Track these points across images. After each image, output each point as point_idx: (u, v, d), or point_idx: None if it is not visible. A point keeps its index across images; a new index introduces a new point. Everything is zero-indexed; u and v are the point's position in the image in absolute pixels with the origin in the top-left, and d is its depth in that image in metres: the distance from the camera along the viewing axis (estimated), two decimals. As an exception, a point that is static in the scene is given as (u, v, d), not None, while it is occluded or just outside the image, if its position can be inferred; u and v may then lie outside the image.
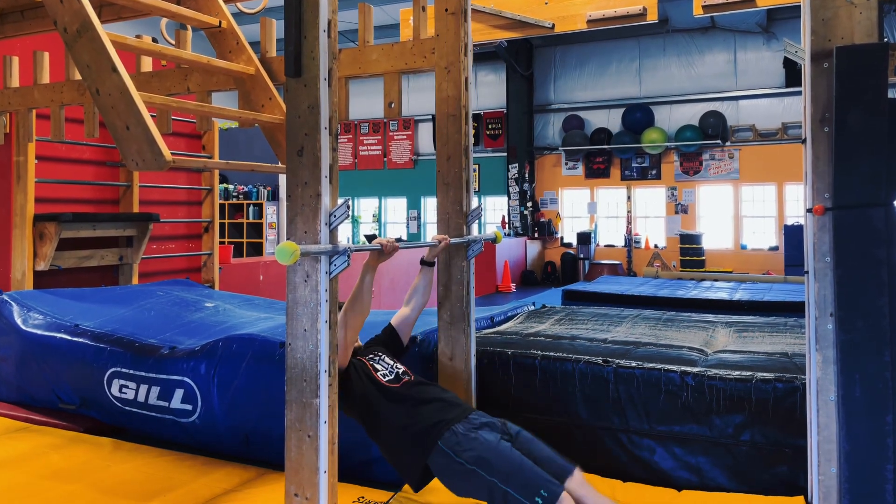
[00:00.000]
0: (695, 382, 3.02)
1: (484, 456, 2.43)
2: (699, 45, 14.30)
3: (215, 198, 6.74)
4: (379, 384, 2.73)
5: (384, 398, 2.69)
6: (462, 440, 2.49)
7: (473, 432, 2.52)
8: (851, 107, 2.30)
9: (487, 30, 4.05)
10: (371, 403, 2.70)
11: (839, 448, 2.30)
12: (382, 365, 2.84)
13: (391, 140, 17.12)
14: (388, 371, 2.80)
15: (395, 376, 2.78)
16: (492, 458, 2.42)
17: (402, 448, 2.65)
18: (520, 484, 2.34)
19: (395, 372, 2.81)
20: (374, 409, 2.70)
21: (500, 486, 2.36)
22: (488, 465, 2.41)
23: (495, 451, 2.44)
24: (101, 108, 3.18)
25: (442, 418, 2.58)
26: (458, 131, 3.31)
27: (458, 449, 2.48)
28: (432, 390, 2.77)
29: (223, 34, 4.17)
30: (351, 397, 2.74)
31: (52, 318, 4.25)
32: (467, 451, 2.46)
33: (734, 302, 6.58)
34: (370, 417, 2.72)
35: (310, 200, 2.33)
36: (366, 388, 2.72)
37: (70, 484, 3.17)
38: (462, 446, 2.48)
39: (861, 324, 2.27)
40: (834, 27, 2.34)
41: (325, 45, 2.34)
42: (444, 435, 2.52)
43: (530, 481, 2.34)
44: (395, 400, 2.68)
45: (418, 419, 2.60)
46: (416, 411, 2.63)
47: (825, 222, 2.34)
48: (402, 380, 2.78)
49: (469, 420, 2.59)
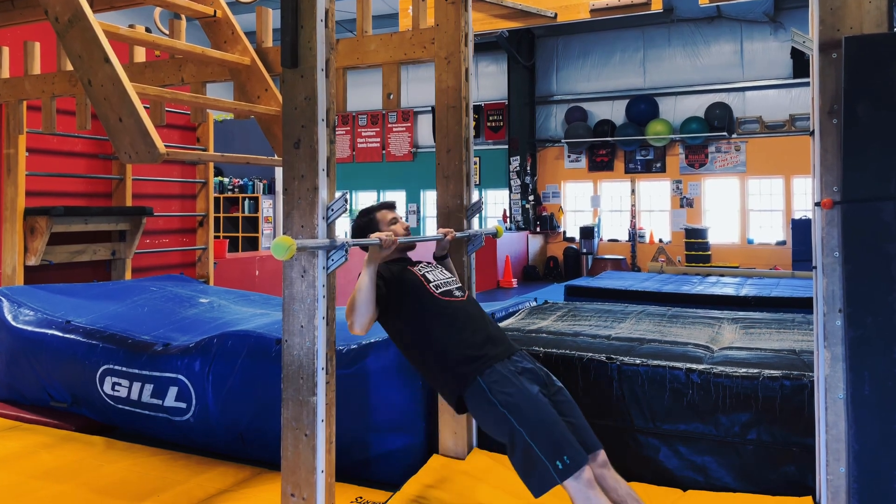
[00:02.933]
0: (700, 380, 3.00)
1: (519, 403, 2.36)
2: (705, 34, 14.18)
3: (210, 191, 6.73)
4: (430, 295, 2.64)
5: (432, 311, 2.61)
6: (501, 381, 2.42)
7: (515, 377, 2.45)
8: (861, 98, 2.28)
9: (488, 19, 4.03)
10: (422, 317, 2.61)
11: (848, 447, 2.28)
12: (437, 276, 2.75)
13: (390, 132, 17.01)
14: (442, 283, 2.72)
15: (448, 290, 2.70)
16: (526, 408, 2.35)
17: (441, 372, 2.56)
18: (546, 442, 2.27)
19: (450, 286, 2.73)
20: (424, 325, 2.61)
21: (526, 438, 2.29)
22: (521, 413, 2.34)
23: (532, 401, 2.37)
24: (93, 100, 3.18)
25: (486, 353, 2.51)
26: (458, 123, 3.29)
27: (496, 389, 2.41)
28: (481, 321, 2.67)
29: (218, 24, 4.17)
30: (405, 310, 2.63)
31: (44, 315, 4.22)
32: (503, 394, 2.39)
33: (741, 298, 6.51)
34: (418, 333, 2.62)
35: (307, 194, 2.32)
36: (420, 299, 2.63)
37: (61, 484, 3.15)
38: (500, 387, 2.41)
39: (870, 320, 2.25)
40: (843, 17, 2.32)
41: (322, 35, 2.33)
42: (486, 371, 2.45)
43: (558, 443, 2.27)
44: (444, 316, 2.60)
45: (462, 347, 2.52)
46: (462, 338, 2.55)
47: (834, 216, 2.32)
48: (455, 297, 2.69)
49: (512, 361, 2.53)
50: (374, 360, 3.25)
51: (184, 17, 4.39)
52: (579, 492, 2.22)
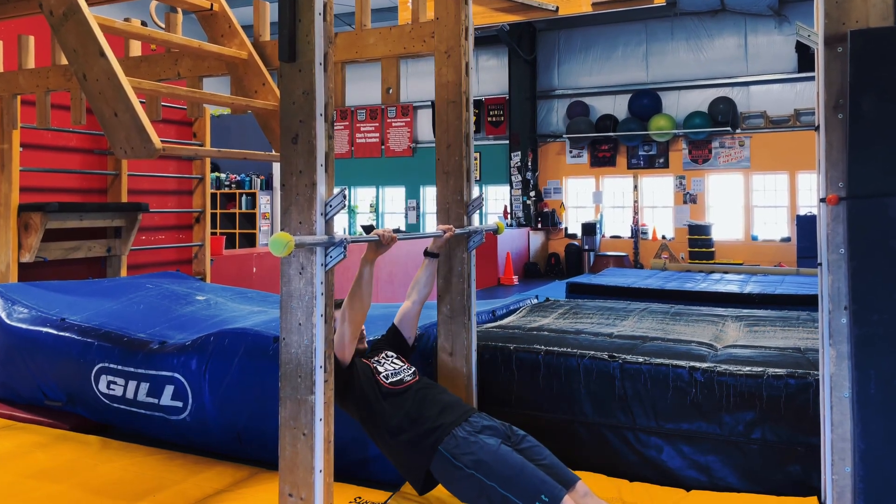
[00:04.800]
0: (704, 378, 2.98)
1: (484, 460, 2.41)
2: (708, 28, 14.09)
3: (206, 187, 6.71)
4: (380, 386, 2.69)
5: (384, 401, 2.66)
6: (462, 444, 2.48)
7: (474, 436, 2.50)
8: (866, 93, 2.25)
9: (489, 13, 4.01)
10: (371, 406, 2.67)
11: (854, 446, 2.25)
12: (386, 367, 2.80)
13: (389, 127, 16.95)
14: (393, 373, 2.77)
15: (399, 379, 2.75)
16: (491, 463, 2.40)
17: (403, 453, 2.62)
18: (520, 488, 2.32)
19: (400, 375, 2.77)
20: (375, 412, 2.66)
21: (500, 492, 2.34)
22: (488, 469, 2.39)
23: (495, 454, 2.42)
24: (88, 94, 3.17)
25: (442, 422, 2.56)
26: (458, 118, 3.27)
27: (458, 453, 2.46)
28: (434, 393, 2.73)
29: (215, 17, 4.16)
30: (352, 397, 2.70)
31: (38, 312, 4.20)
32: (467, 455, 2.45)
33: (745, 295, 6.49)
34: (371, 420, 2.69)
35: (305, 190, 2.30)
36: (367, 389, 2.68)
37: (56, 483, 3.13)
38: (461, 450, 2.46)
39: (876, 318, 2.23)
40: (848, 10, 2.29)
41: (320, 29, 2.32)
42: (444, 440, 2.50)
43: (531, 485, 2.32)
44: (396, 404, 2.65)
45: (419, 424, 2.58)
46: (417, 416, 2.60)
47: (839, 212, 2.29)
48: (405, 382, 2.74)
49: (470, 423, 2.57)
50: (373, 358, 3.22)
51: (180, 10, 4.38)
52: None
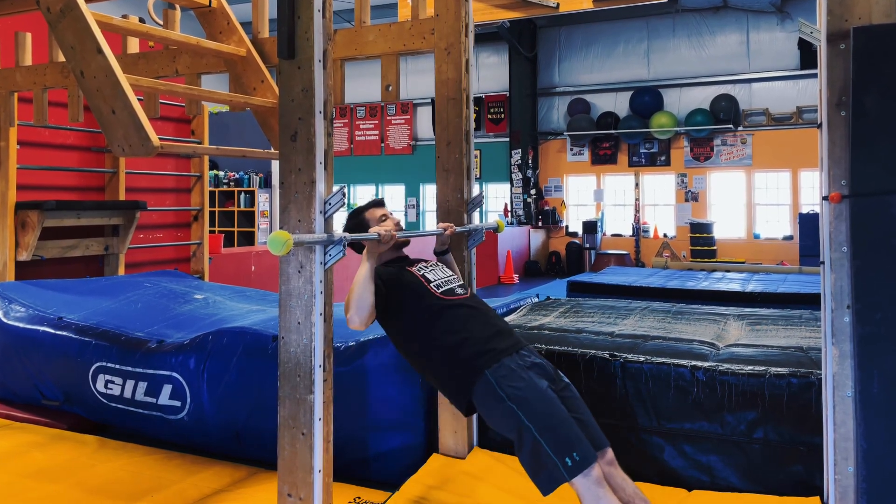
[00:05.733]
0: (706, 378, 2.97)
1: (528, 397, 2.32)
2: (710, 25, 14.05)
3: (205, 185, 6.68)
4: (431, 295, 2.59)
5: (435, 311, 2.55)
6: (509, 375, 2.38)
7: (524, 371, 2.41)
8: (869, 90, 2.25)
9: (489, 9, 4.01)
10: (418, 317, 2.56)
11: (856, 446, 2.26)
12: (437, 274, 2.71)
13: (388, 125, 16.91)
14: (445, 281, 2.67)
15: (450, 289, 2.66)
16: (535, 403, 2.31)
17: (448, 371, 2.51)
18: (556, 438, 2.23)
19: (451, 284, 2.68)
20: (423, 324, 2.56)
21: (535, 434, 2.25)
22: (530, 408, 2.30)
23: (542, 396, 2.33)
24: (85, 92, 3.17)
25: (494, 347, 2.46)
26: (458, 115, 3.27)
27: (504, 382, 2.37)
28: (487, 314, 2.63)
29: (213, 14, 4.16)
30: (395, 311, 2.58)
31: (35, 311, 4.18)
32: (512, 388, 2.35)
33: (747, 293, 6.47)
34: (416, 334, 2.57)
35: (304, 188, 2.30)
36: (413, 300, 2.58)
37: (53, 483, 3.12)
38: (508, 381, 2.37)
39: (879, 316, 2.23)
40: (851, 7, 2.29)
41: (319, 26, 2.31)
42: (493, 366, 2.41)
43: (567, 439, 2.23)
44: (447, 316, 2.54)
45: (469, 343, 2.47)
46: (469, 334, 2.50)
47: (842, 210, 2.30)
48: (458, 294, 2.64)
49: (521, 355, 2.48)
50: (372, 356, 3.22)
51: (178, 6, 4.37)
52: (588, 490, 2.18)
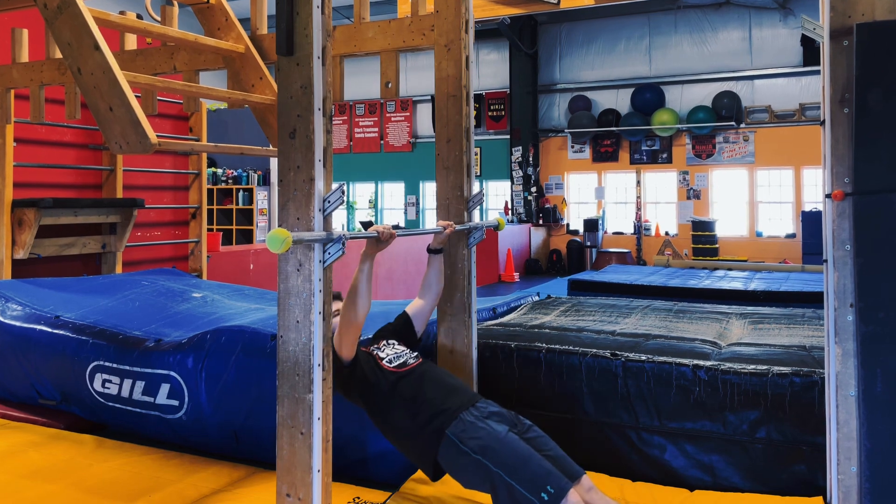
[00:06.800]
0: (708, 377, 2.96)
1: (490, 445, 2.39)
2: (712, 21, 14.00)
3: (203, 182, 6.67)
4: (383, 371, 2.67)
5: (389, 385, 2.63)
6: (469, 428, 2.45)
7: (482, 421, 2.48)
8: (872, 87, 2.24)
9: (489, 6, 3.99)
10: (376, 392, 2.65)
11: (859, 446, 2.25)
12: (388, 352, 2.78)
13: (388, 122, 16.87)
14: (395, 356, 2.74)
15: (402, 362, 2.72)
16: (498, 449, 2.37)
17: (411, 438, 2.59)
18: (525, 477, 2.29)
19: (403, 358, 2.75)
20: (380, 398, 2.64)
21: (505, 479, 2.31)
22: (494, 455, 2.36)
23: (502, 441, 2.40)
24: (82, 89, 3.16)
25: (449, 406, 2.53)
26: (458, 112, 3.25)
27: (465, 437, 2.44)
28: (439, 375, 2.71)
29: (211, 10, 4.15)
30: (357, 386, 2.67)
31: (32, 309, 4.16)
32: (473, 440, 2.42)
33: (749, 292, 6.47)
34: (377, 407, 2.66)
35: (302, 185, 2.28)
36: (370, 376, 2.66)
37: (50, 483, 3.10)
38: (468, 434, 2.44)
39: (883, 315, 2.22)
40: (854, 3, 2.28)
41: (318, 22, 2.29)
42: (452, 424, 2.47)
43: (537, 475, 2.30)
44: (400, 387, 2.62)
45: (425, 407, 2.55)
46: (423, 398, 2.57)
47: (845, 208, 2.29)
48: (409, 364, 2.71)
49: (477, 408, 2.55)
50: (372, 356, 3.20)
51: (176, 3, 4.36)
52: None
